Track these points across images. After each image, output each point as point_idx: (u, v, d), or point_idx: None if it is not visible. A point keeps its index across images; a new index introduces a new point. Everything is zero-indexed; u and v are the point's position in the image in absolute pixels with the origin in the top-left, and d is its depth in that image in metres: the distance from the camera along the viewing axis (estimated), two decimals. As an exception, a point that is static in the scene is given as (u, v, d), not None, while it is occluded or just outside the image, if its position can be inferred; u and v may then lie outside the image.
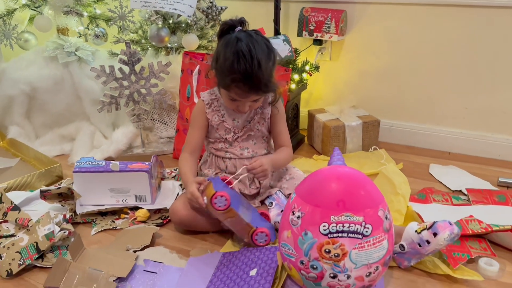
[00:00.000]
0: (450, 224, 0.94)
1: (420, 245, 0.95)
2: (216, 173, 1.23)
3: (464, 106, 1.70)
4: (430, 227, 0.95)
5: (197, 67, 1.55)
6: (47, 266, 1.03)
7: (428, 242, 0.94)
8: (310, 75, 1.78)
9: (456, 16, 1.60)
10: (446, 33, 1.64)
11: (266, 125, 1.23)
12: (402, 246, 0.98)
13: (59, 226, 1.10)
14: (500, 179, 1.45)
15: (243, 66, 1.03)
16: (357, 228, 0.80)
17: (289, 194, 1.21)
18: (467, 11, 1.58)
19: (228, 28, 1.11)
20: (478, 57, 1.62)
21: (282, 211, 1.15)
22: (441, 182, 1.47)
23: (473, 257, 1.01)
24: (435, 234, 0.93)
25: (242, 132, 1.21)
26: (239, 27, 1.11)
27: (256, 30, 1.12)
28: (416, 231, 0.97)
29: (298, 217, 0.83)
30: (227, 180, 1.12)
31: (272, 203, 1.17)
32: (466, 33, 1.61)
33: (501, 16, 1.53)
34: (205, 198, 1.03)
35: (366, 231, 0.80)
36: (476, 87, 1.66)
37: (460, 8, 1.59)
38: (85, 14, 1.74)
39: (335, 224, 0.80)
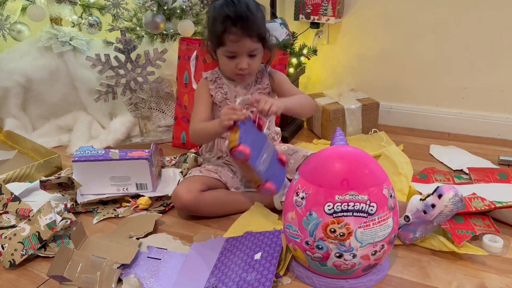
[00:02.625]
0: (454, 188, 0.94)
1: (425, 212, 0.95)
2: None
3: (463, 86, 1.69)
4: (435, 191, 0.95)
5: (195, 53, 1.53)
6: (50, 256, 1.03)
7: (433, 206, 0.94)
8: (308, 59, 1.76)
9: (454, -5, 1.59)
10: (444, 14, 1.62)
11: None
12: (407, 217, 0.98)
13: (60, 216, 1.09)
14: (501, 158, 1.45)
15: (232, 8, 1.08)
16: (362, 207, 0.79)
17: (296, 168, 1.19)
18: (465, -11, 1.57)
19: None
20: (476, 37, 1.60)
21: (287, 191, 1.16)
22: (442, 162, 1.47)
23: (477, 234, 1.01)
24: (439, 196, 0.93)
25: (244, 108, 1.20)
26: None
27: None
28: (420, 199, 0.97)
29: (302, 198, 0.83)
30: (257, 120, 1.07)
31: None
32: (463, 13, 1.59)
33: (499, -7, 1.52)
34: (226, 141, 1.01)
35: (371, 210, 0.80)
36: (474, 67, 1.65)
37: (458, -13, 1.57)
38: (78, 2, 1.71)
39: (339, 204, 0.79)
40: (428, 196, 0.96)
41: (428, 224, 0.97)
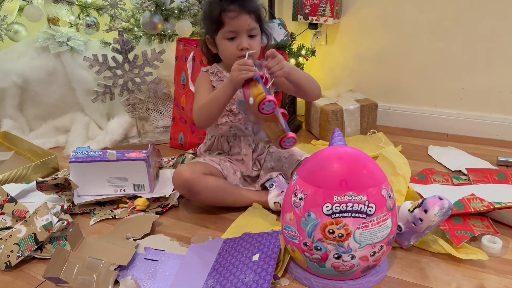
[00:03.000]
0: (440, 199, 0.92)
1: (414, 224, 0.94)
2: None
3: (461, 87, 1.69)
4: (421, 204, 0.93)
5: (191, 54, 1.53)
6: (46, 257, 1.02)
7: (420, 220, 0.92)
8: (307, 60, 1.76)
9: (452, -4, 1.59)
10: (442, 15, 1.62)
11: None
12: (399, 226, 0.97)
13: (57, 217, 1.09)
14: (499, 158, 1.45)
15: None
16: (361, 208, 0.79)
17: (291, 173, 1.20)
18: (463, -10, 1.57)
19: None
20: (474, 38, 1.60)
21: (282, 191, 1.15)
22: (440, 163, 1.46)
23: (476, 235, 1.01)
24: (425, 211, 0.91)
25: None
26: None
27: None
28: (409, 210, 0.95)
29: (300, 199, 0.82)
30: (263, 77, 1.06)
31: (272, 184, 1.17)
32: (461, 14, 1.59)
33: (497, -6, 1.52)
34: (251, 99, 0.98)
35: (370, 210, 0.79)
36: (472, 68, 1.65)
37: (456, -13, 1.57)
38: (76, 3, 1.71)
39: (338, 204, 0.79)
40: (416, 208, 0.94)
41: (420, 233, 0.96)
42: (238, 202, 1.19)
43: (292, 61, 1.67)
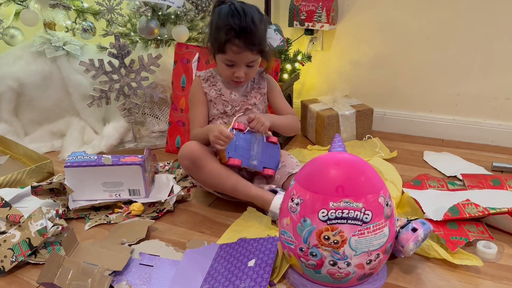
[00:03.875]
0: (414, 231, 0.90)
1: (402, 246, 0.92)
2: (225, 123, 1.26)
3: (456, 93, 1.70)
4: (397, 236, 0.91)
5: (197, 54, 1.55)
6: (41, 263, 1.01)
7: (400, 249, 0.92)
8: (303, 65, 1.77)
9: (447, 3, 1.60)
10: (437, 20, 1.64)
11: (263, 101, 1.28)
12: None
13: (51, 222, 1.08)
14: (494, 164, 1.45)
15: (237, 20, 1.10)
16: (357, 215, 0.79)
17: (282, 185, 1.21)
18: (458, -3, 1.58)
19: (221, 4, 1.18)
20: (469, 44, 1.62)
21: None
22: (435, 169, 1.47)
23: (471, 241, 1.01)
24: (402, 246, 0.91)
25: (240, 106, 1.25)
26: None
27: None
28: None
29: (297, 204, 0.82)
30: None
31: (282, 190, 1.18)
32: (456, 20, 1.61)
33: (491, 2, 1.53)
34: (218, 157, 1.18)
35: (366, 218, 0.79)
36: (467, 74, 1.66)
37: (451, -6, 1.59)
38: (72, 7, 1.71)
39: (334, 211, 0.79)
40: (397, 235, 0.91)
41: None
42: (238, 190, 1.17)
43: (288, 66, 1.67)
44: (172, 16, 1.70)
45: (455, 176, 1.40)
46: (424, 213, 1.10)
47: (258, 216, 1.17)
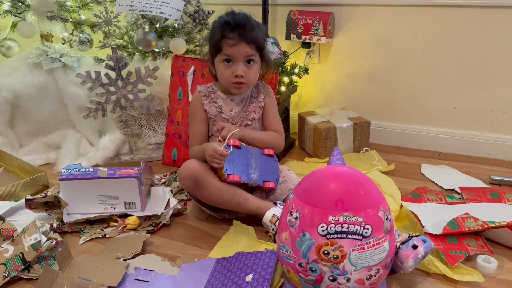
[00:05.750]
0: (414, 248, 0.89)
1: (401, 262, 0.91)
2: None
3: (453, 106, 1.70)
4: (397, 253, 0.90)
5: (192, 67, 1.55)
6: (34, 278, 0.99)
7: (400, 265, 0.91)
8: (300, 78, 1.77)
9: (443, 17, 1.61)
10: (433, 34, 1.65)
11: (261, 115, 1.29)
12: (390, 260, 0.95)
13: (46, 236, 1.06)
14: (492, 177, 1.45)
15: (232, 16, 1.15)
16: (357, 229, 0.78)
17: (284, 198, 1.20)
18: (454, 11, 1.59)
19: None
20: (465, 57, 1.63)
21: None
22: (433, 182, 1.46)
23: (470, 255, 1.00)
24: (401, 263, 0.90)
25: (239, 122, 1.25)
26: None
27: None
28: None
29: (296, 218, 0.81)
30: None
31: (282, 204, 1.17)
32: (452, 33, 1.62)
33: (487, 16, 1.55)
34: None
35: (366, 232, 0.78)
36: (464, 87, 1.66)
37: (447, 9, 1.60)
38: (70, 19, 1.70)
39: (333, 225, 0.78)
40: (397, 250, 0.91)
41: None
42: (242, 205, 1.17)
43: (286, 79, 1.67)
44: (170, 29, 1.71)
45: (453, 189, 1.39)
46: (423, 227, 1.09)
47: (243, 227, 1.16)
